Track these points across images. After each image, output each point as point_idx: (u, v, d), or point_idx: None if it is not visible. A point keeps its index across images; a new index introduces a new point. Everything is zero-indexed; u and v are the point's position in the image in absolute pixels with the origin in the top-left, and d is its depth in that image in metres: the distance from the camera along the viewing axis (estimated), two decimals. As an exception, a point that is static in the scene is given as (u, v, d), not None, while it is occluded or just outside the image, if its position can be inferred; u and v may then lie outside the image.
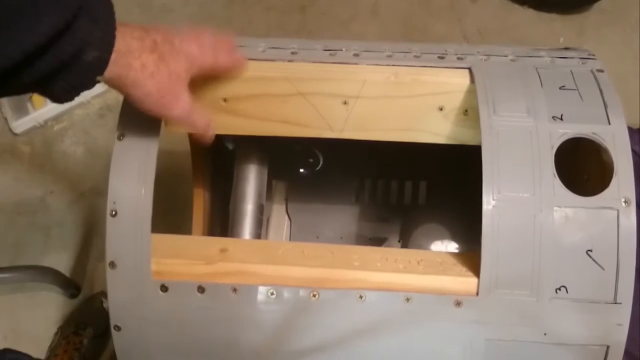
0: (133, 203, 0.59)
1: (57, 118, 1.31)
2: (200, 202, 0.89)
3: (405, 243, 0.97)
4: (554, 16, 1.38)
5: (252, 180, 0.84)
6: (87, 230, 1.23)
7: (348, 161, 0.96)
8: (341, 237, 0.98)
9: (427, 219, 0.96)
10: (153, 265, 0.60)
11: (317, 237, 0.98)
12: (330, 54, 0.67)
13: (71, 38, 0.48)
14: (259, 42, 0.69)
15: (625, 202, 0.57)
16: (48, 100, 1.24)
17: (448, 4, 1.40)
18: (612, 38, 1.36)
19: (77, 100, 1.28)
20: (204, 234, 0.90)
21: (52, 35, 0.46)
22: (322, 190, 0.98)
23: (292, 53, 0.67)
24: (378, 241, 0.98)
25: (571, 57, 0.67)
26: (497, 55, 0.67)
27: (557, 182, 0.58)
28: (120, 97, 0.66)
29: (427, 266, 0.61)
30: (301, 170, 0.98)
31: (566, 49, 0.70)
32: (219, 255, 0.62)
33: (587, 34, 1.37)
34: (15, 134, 1.30)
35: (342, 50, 0.68)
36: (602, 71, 0.65)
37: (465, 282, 0.59)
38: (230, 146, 0.88)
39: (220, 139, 0.88)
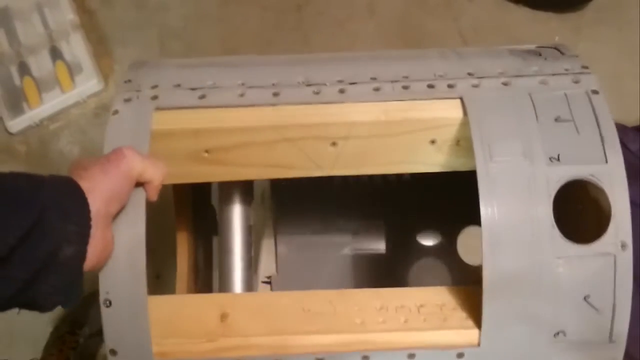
0: (127, 292, 0.57)
1: (53, 117, 1.31)
2: (184, 240, 0.88)
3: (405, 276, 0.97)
4: (550, 14, 1.38)
5: (237, 222, 0.81)
6: (83, 230, 1.23)
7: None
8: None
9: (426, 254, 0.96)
10: (154, 347, 0.59)
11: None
12: (315, 92, 0.63)
13: (41, 240, 0.47)
14: (234, 76, 0.65)
15: (622, 246, 0.57)
16: (44, 99, 1.27)
17: (444, 3, 1.40)
18: (608, 36, 1.36)
19: (73, 99, 1.30)
20: (189, 268, 0.88)
21: (16, 244, 0.45)
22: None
23: (274, 94, 0.63)
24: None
25: (564, 73, 0.65)
26: (488, 77, 0.64)
27: (556, 232, 0.58)
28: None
29: (429, 315, 0.62)
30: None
31: (556, 49, 0.69)
32: (220, 327, 0.61)
33: (583, 32, 1.37)
34: (11, 134, 1.30)
35: (325, 84, 0.64)
36: (597, 92, 0.63)
37: (466, 333, 0.60)
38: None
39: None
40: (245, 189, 0.81)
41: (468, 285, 0.64)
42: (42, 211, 0.47)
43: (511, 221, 0.58)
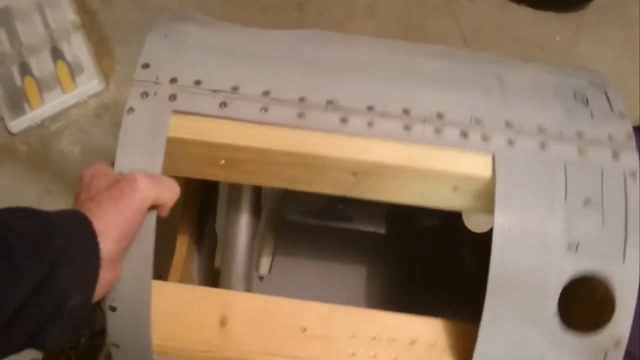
0: (132, 303, 0.58)
1: (53, 118, 1.31)
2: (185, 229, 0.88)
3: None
4: (551, 14, 1.38)
5: (244, 229, 0.81)
6: (84, 230, 1.23)
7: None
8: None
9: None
10: (155, 347, 0.61)
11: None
12: (341, 120, 0.61)
13: (50, 294, 0.46)
14: (259, 80, 0.63)
15: (616, 344, 0.58)
16: (45, 100, 1.27)
17: (445, 3, 1.40)
18: (609, 36, 1.36)
19: (74, 99, 1.30)
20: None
21: (25, 301, 0.45)
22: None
23: (299, 115, 0.61)
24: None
25: (605, 143, 0.62)
26: (525, 135, 0.61)
27: (556, 321, 0.58)
28: (117, 96, 0.65)
29: (418, 358, 0.62)
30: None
31: (605, 94, 0.68)
32: (219, 335, 0.62)
33: (584, 32, 1.37)
34: (12, 134, 1.30)
35: (354, 111, 0.61)
36: (634, 175, 0.60)
37: None
38: None
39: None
40: (255, 197, 0.81)
41: (463, 321, 0.64)
42: (54, 263, 0.46)
43: (515, 307, 0.58)
